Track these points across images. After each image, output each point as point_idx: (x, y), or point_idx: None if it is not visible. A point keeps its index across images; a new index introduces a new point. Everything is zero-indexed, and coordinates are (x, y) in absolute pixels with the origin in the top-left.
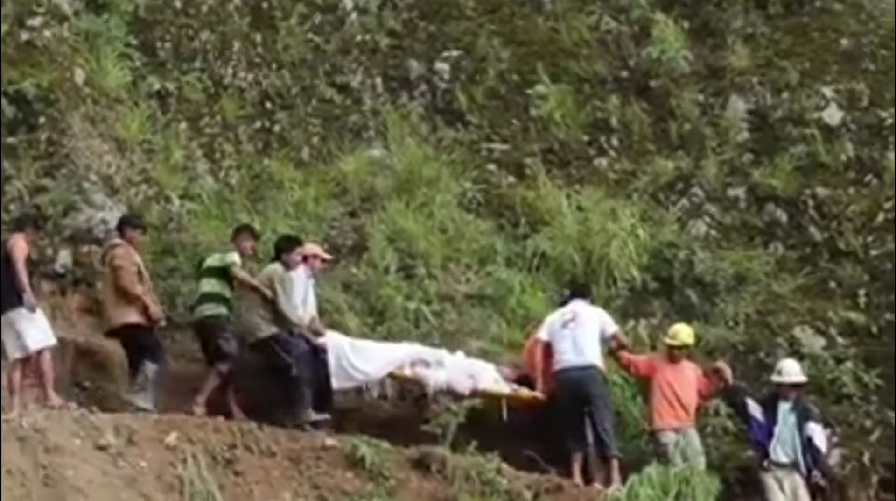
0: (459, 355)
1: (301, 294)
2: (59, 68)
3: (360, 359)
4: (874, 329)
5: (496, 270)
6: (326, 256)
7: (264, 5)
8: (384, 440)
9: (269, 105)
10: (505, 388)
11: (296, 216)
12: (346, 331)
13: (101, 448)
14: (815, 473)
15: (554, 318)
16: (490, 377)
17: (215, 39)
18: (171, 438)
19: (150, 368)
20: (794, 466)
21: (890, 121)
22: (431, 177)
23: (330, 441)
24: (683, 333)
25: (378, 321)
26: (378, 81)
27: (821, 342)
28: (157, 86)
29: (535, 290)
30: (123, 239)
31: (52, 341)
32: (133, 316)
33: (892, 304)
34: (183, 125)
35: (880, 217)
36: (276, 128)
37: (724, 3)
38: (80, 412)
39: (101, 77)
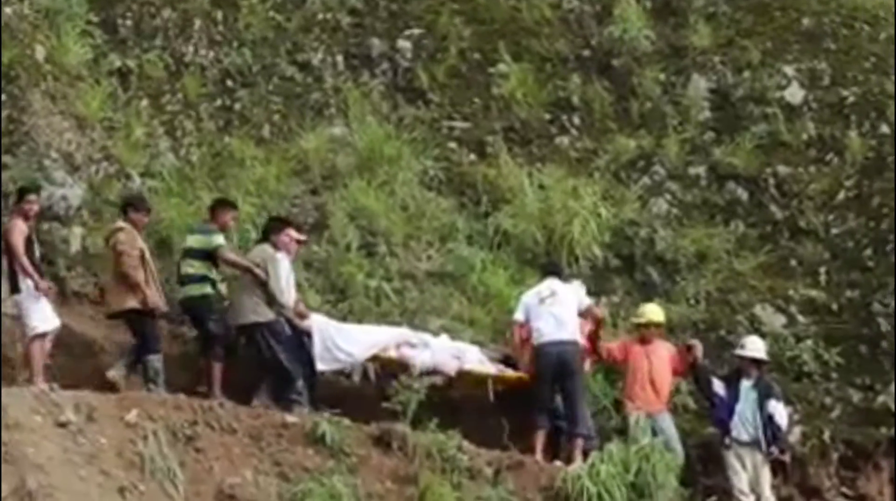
0: (444, 337)
1: (285, 277)
2: (20, 45)
3: (345, 341)
4: (835, 307)
5: (457, 247)
6: (301, 237)
7: None
8: (345, 417)
9: (230, 83)
10: (491, 368)
11: (257, 194)
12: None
13: (62, 425)
14: (773, 449)
15: (529, 297)
16: (475, 358)
17: (177, 17)
18: (132, 415)
19: (153, 360)
20: (755, 444)
21: (851, 99)
22: (393, 155)
23: (291, 418)
24: (650, 311)
25: (339, 299)
26: (339, 59)
27: (781, 319)
28: (118, 63)
29: (496, 267)
30: (128, 221)
31: (52, 325)
32: (132, 302)
33: (852, 282)
34: (144, 103)
35: (841, 195)
36: (238, 106)
37: None
38: (39, 388)
39: (61, 54)
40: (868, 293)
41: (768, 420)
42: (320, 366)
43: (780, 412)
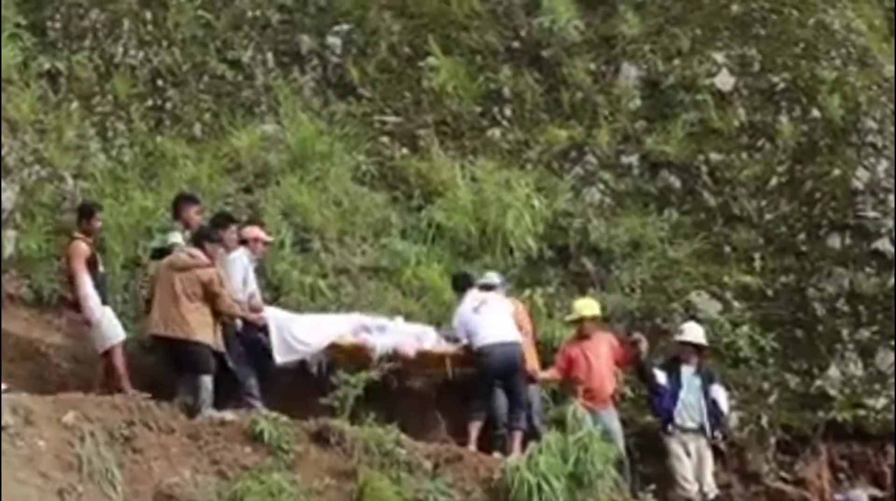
0: (399, 319)
1: (241, 275)
2: None
3: (302, 332)
4: (769, 293)
5: (391, 242)
6: (268, 238)
7: None
8: (283, 413)
9: (160, 83)
10: (449, 347)
11: (179, 192)
12: None
13: None
14: (717, 434)
15: (463, 311)
16: (433, 338)
17: (105, 18)
18: (69, 417)
19: (206, 381)
20: (699, 430)
21: (781, 85)
22: (325, 151)
23: (228, 416)
24: (582, 306)
25: (274, 296)
26: (269, 56)
27: (717, 306)
28: (47, 66)
29: (430, 261)
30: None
31: (120, 337)
32: (208, 337)
33: (786, 267)
34: (75, 105)
35: (773, 181)
36: (168, 105)
37: None
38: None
39: None
40: (802, 278)
41: (712, 405)
42: (279, 359)
43: (722, 396)
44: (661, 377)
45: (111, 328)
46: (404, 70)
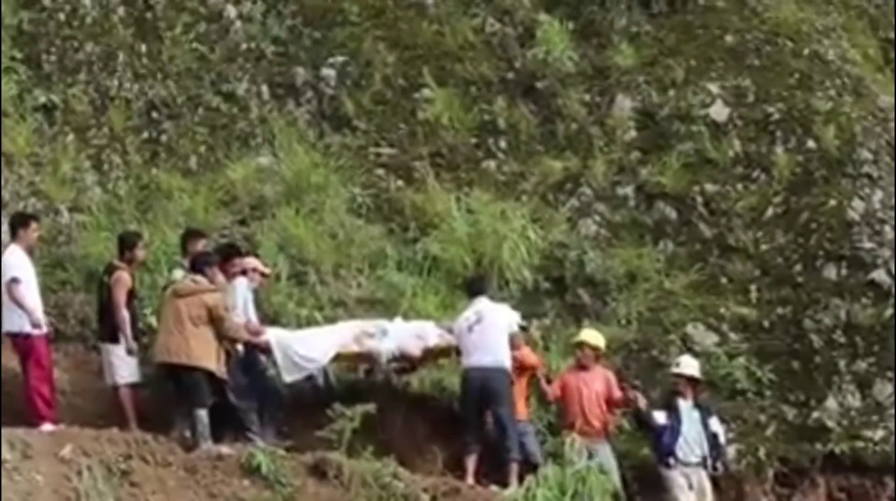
0: (398, 320)
1: (241, 302)
2: None
3: (305, 348)
4: (766, 324)
5: (387, 274)
6: (266, 270)
7: (148, 16)
8: (280, 446)
9: (155, 115)
10: (452, 340)
11: (186, 226)
12: None
13: None
14: (719, 465)
15: (459, 324)
16: (435, 333)
17: (100, 51)
18: (66, 451)
19: (203, 415)
20: (700, 463)
21: (776, 116)
22: (320, 183)
23: (225, 450)
24: (585, 334)
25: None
26: (264, 88)
27: (713, 338)
28: (42, 99)
29: (426, 293)
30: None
31: (136, 378)
32: (213, 364)
33: (783, 298)
34: (70, 138)
35: (769, 212)
36: (164, 138)
37: (608, 3)
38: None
39: None
40: (799, 310)
41: (713, 438)
42: (287, 378)
43: (720, 429)
44: (660, 417)
45: (131, 365)
46: (399, 102)
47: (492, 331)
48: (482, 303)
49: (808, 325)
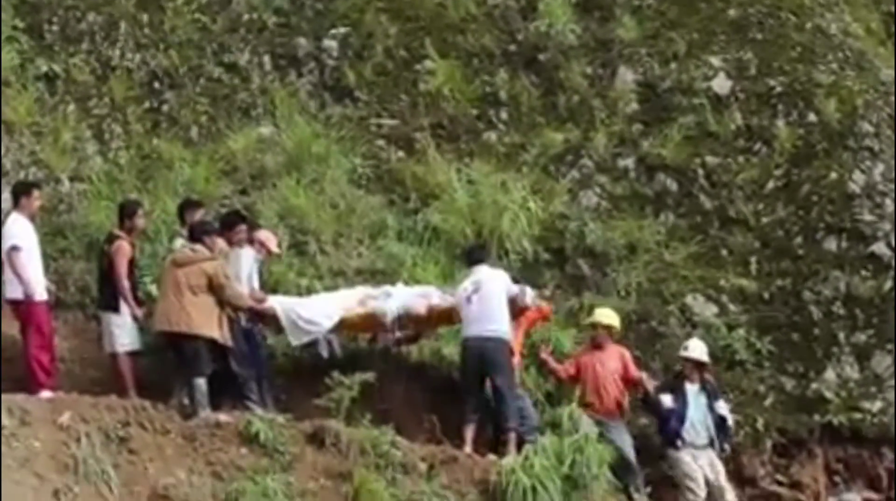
0: (400, 285)
1: (247, 271)
2: None
3: (310, 312)
4: (765, 296)
5: (387, 244)
6: (276, 249)
7: None
8: (279, 415)
9: (157, 85)
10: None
11: (186, 196)
12: None
13: None
14: (727, 447)
15: (459, 294)
16: (438, 295)
17: (102, 21)
18: (65, 418)
19: (201, 383)
20: (708, 445)
21: (778, 89)
22: (321, 153)
23: (224, 418)
24: (599, 313)
25: None
26: (266, 59)
27: (713, 309)
28: (44, 68)
29: (426, 264)
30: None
31: (137, 346)
32: (216, 332)
33: (782, 271)
34: (71, 107)
35: (770, 185)
36: (165, 108)
37: None
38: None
39: None
40: (799, 282)
41: (721, 421)
42: (293, 341)
43: (727, 412)
44: (666, 400)
45: (132, 333)
46: (401, 73)
47: (490, 300)
48: (481, 272)
49: (808, 297)
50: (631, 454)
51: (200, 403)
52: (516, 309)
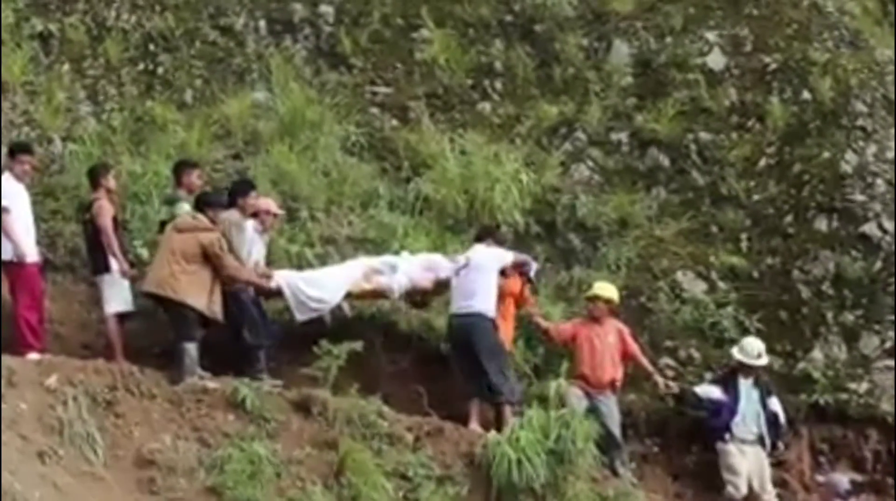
0: (405, 254)
1: (248, 245)
2: None
3: (315, 289)
4: (755, 274)
5: (379, 213)
6: (278, 210)
7: None
8: (278, 386)
9: (152, 47)
10: None
11: (179, 159)
12: None
13: None
14: (779, 445)
15: (455, 268)
16: (446, 266)
17: None
18: (52, 380)
19: (190, 348)
20: (758, 441)
21: (773, 66)
22: (315, 120)
23: (211, 384)
24: (598, 286)
25: None
26: (262, 23)
27: (702, 286)
28: (39, 27)
29: (417, 233)
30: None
31: (130, 307)
32: (201, 302)
33: (773, 249)
34: (66, 67)
35: (762, 162)
36: (160, 70)
37: None
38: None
39: None
40: (788, 260)
41: (773, 418)
42: (299, 317)
43: (780, 409)
44: (716, 392)
45: (124, 293)
46: (396, 41)
47: (475, 275)
48: (476, 249)
49: (797, 276)
50: (617, 428)
51: (189, 368)
52: (511, 292)
